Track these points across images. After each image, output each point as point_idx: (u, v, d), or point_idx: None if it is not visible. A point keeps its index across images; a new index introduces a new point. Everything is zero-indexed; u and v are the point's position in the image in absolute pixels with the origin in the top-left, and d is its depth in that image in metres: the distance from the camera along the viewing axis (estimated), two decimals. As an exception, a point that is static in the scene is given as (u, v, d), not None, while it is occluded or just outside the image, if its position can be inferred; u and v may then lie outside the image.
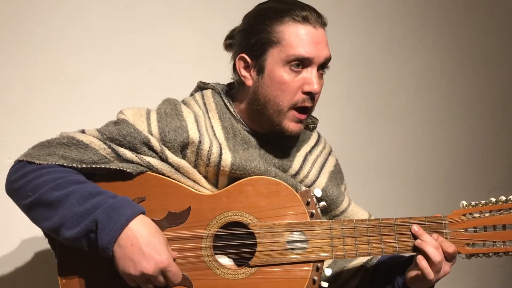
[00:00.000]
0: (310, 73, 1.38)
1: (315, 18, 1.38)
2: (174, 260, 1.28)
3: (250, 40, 1.40)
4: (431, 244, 1.32)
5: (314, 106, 1.43)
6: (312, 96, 1.39)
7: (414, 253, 1.36)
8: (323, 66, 1.41)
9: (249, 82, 1.42)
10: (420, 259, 1.32)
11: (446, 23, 2.92)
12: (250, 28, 1.41)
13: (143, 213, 1.26)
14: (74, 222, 1.23)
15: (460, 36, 2.98)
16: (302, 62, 1.37)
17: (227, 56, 1.49)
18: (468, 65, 3.03)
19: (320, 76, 1.41)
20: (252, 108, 1.43)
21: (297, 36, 1.36)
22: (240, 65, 1.42)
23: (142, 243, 1.21)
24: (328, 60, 1.41)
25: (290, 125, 1.41)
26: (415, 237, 1.36)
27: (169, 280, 1.24)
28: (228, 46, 1.49)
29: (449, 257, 1.34)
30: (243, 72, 1.42)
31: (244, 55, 1.41)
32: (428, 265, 1.31)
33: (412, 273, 1.36)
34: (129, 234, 1.21)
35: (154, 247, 1.21)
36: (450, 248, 1.33)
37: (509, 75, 3.21)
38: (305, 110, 1.41)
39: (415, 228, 1.35)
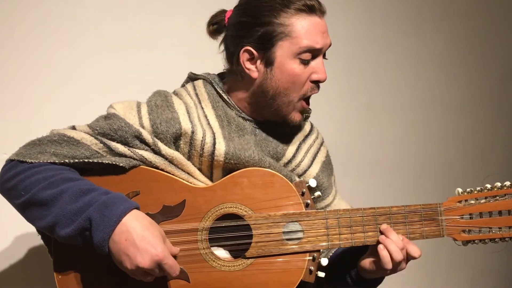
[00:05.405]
0: (318, 62, 1.39)
1: (318, 6, 1.38)
2: (176, 255, 1.27)
3: (256, 32, 1.36)
4: (395, 243, 1.32)
5: None
6: (318, 84, 1.41)
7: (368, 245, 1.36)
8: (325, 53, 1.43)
9: (255, 75, 1.39)
10: (381, 249, 1.31)
11: (444, 14, 2.90)
12: (254, 19, 1.37)
13: (137, 208, 1.25)
14: (68, 220, 1.22)
15: (457, 28, 2.97)
16: (313, 53, 1.37)
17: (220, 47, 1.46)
18: (465, 57, 3.02)
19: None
20: (257, 100, 1.42)
21: (306, 28, 1.35)
22: (244, 57, 1.39)
23: (136, 237, 1.20)
24: (329, 46, 1.42)
25: (296, 115, 1.43)
26: (411, 224, 1.35)
27: (166, 273, 1.23)
28: (213, 32, 1.46)
29: (410, 258, 1.34)
30: (248, 65, 1.39)
31: (249, 47, 1.38)
32: (388, 255, 1.31)
33: (367, 261, 1.36)
34: (122, 230, 1.20)
35: (148, 241, 1.20)
36: (416, 253, 1.33)
37: (505, 67, 3.20)
38: (309, 99, 1.43)
39: (384, 226, 1.35)
